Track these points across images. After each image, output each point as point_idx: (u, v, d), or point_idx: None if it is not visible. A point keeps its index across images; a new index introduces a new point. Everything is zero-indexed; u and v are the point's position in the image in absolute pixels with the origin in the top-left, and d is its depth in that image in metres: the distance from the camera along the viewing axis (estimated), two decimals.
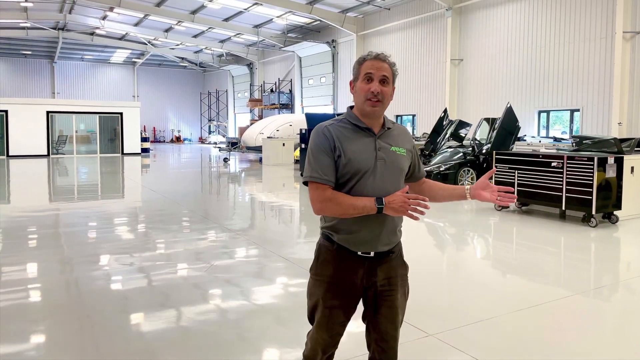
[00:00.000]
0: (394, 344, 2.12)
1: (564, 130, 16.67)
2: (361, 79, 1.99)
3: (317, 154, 1.96)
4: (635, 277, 5.09)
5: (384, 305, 2.06)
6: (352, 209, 1.91)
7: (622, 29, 13.75)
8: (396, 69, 2.05)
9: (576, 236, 6.96)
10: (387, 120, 2.09)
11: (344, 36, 26.36)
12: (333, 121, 2.05)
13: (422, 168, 2.26)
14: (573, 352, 3.34)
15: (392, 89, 2.03)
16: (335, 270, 2.02)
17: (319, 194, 1.95)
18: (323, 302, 2.03)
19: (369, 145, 1.99)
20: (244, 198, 11.63)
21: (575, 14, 15.33)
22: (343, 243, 2.01)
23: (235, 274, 5.12)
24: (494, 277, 5.23)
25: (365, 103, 1.97)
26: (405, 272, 2.16)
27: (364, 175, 1.97)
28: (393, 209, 1.88)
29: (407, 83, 22.40)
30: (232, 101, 42.47)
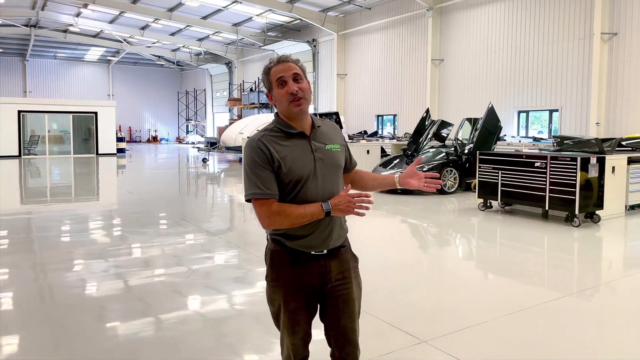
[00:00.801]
0: (353, 336, 2.13)
1: (540, 130, 16.88)
2: (276, 85, 1.98)
3: (255, 168, 1.94)
4: (620, 278, 5.10)
5: (340, 300, 2.08)
6: (301, 218, 1.92)
7: (600, 30, 13.98)
8: (302, 64, 2.05)
9: (560, 236, 6.97)
10: (314, 119, 2.08)
11: (325, 35, 26.24)
12: (263, 132, 2.01)
13: (353, 159, 2.30)
14: (567, 357, 3.28)
15: (307, 83, 2.02)
16: (291, 274, 2.03)
17: (266, 210, 1.93)
18: (285, 307, 2.04)
19: (305, 149, 1.99)
20: (223, 199, 11.39)
21: (554, 15, 15.52)
22: (296, 247, 2.02)
23: (216, 279, 4.97)
24: (482, 279, 5.18)
25: (290, 106, 1.96)
26: (356, 265, 2.19)
27: (306, 180, 1.97)
28: (340, 210, 1.92)
29: (388, 83, 22.42)
30: (211, 100, 41.97)
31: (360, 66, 24.23)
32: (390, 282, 4.81)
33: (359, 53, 24.23)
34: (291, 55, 2.07)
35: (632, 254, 6.32)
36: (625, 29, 13.73)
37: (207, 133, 40.34)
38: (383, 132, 22.49)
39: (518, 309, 4.04)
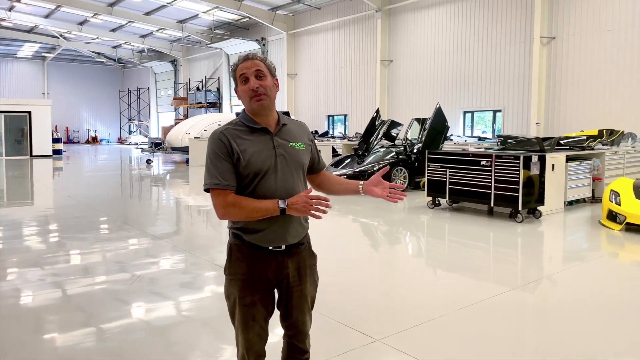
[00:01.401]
0: (304, 327, 2.21)
1: (484, 130, 17.53)
2: (239, 82, 2.04)
3: (215, 160, 1.98)
4: (560, 271, 5.31)
5: (294, 296, 2.14)
6: (256, 213, 1.95)
7: (540, 34, 14.68)
8: (270, 62, 2.09)
9: (505, 231, 7.20)
10: (281, 117, 2.12)
11: (274, 34, 26.03)
12: (228, 125, 2.06)
13: (322, 160, 2.32)
14: (518, 349, 3.35)
15: (272, 80, 2.07)
16: (248, 267, 2.06)
17: (221, 200, 1.97)
18: (240, 300, 2.06)
19: (267, 144, 2.03)
20: (169, 202, 10.98)
21: (497, 19, 16.15)
22: (253, 241, 2.04)
23: (161, 284, 4.73)
24: (432, 276, 5.26)
25: (251, 101, 2.01)
26: (314, 262, 2.23)
27: (265, 174, 2.00)
28: (296, 210, 1.93)
29: (339, 83, 22.55)
30: (155, 99, 40.66)
31: (311, 66, 24.21)
32: (342, 281, 4.76)
33: (310, 53, 24.21)
34: (257, 53, 2.10)
35: (571, 247, 6.62)
36: (562, 33, 14.49)
37: (151, 133, 39.06)
38: (334, 132, 22.59)
39: (468, 304, 4.11)
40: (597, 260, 5.73)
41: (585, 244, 6.67)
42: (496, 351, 3.31)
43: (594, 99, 13.89)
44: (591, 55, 13.87)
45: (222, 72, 31.29)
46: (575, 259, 5.84)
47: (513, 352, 3.31)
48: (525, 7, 15.26)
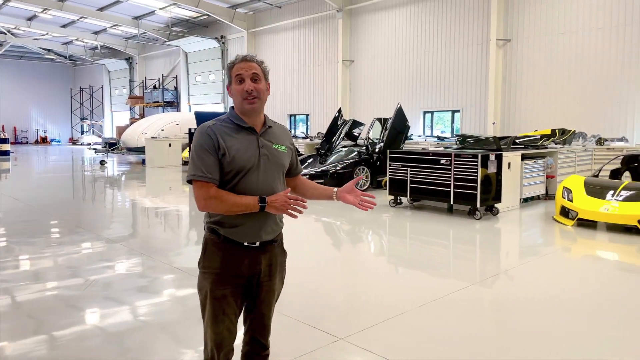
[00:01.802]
0: (267, 322, 2.29)
1: (443, 130, 17.91)
2: (234, 81, 2.12)
3: (200, 153, 2.04)
4: (517, 266, 5.46)
5: (263, 291, 2.21)
6: (236, 207, 2.03)
7: (496, 36, 15.14)
8: (265, 66, 2.18)
9: (464, 229, 7.35)
10: (267, 119, 2.21)
11: (234, 33, 25.68)
12: (216, 121, 2.14)
13: (299, 165, 2.42)
14: (478, 343, 3.40)
15: (265, 84, 2.16)
16: (222, 261, 2.11)
17: (204, 192, 2.04)
18: (211, 293, 2.11)
19: (252, 143, 2.11)
20: (124, 204, 10.60)
21: (455, 21, 16.53)
22: (229, 235, 2.10)
23: (117, 289, 4.55)
24: (394, 274, 5.31)
25: (243, 102, 2.10)
26: (284, 259, 2.32)
27: (248, 171, 2.08)
28: (275, 208, 2.03)
29: (300, 83, 22.48)
30: (109, 98, 39.34)
31: (272, 65, 23.77)
32: (305, 281, 4.72)
33: (270, 52, 24.03)
34: (255, 56, 2.18)
35: (527, 243, 6.83)
36: (517, 35, 14.99)
37: (105, 133, 37.77)
38: (296, 132, 22.51)
39: (429, 300, 4.18)
40: (551, 255, 5.92)
41: (540, 239, 6.89)
42: (457, 346, 3.35)
43: (547, 100, 14.44)
44: (544, 58, 14.42)
45: (180, 70, 30.59)
46: (531, 254, 6.01)
47: (473, 346, 3.36)
48: (482, 10, 15.69)
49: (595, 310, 4.03)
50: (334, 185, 2.49)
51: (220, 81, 27.66)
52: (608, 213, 6.88)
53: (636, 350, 3.31)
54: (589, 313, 3.97)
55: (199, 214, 9.15)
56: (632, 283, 4.91)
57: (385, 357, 3.13)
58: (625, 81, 12.89)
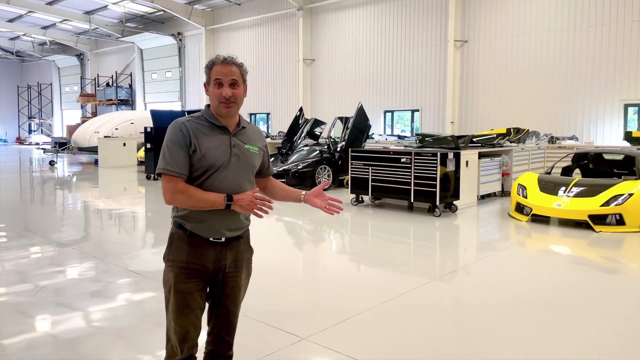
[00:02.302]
0: (233, 319, 2.28)
1: (403, 129, 18.16)
2: (212, 84, 2.12)
3: (172, 147, 2.07)
4: (475, 261, 5.57)
5: (229, 286, 2.21)
6: (202, 203, 2.06)
7: (453, 37, 15.46)
8: (245, 68, 2.20)
9: (424, 226, 7.46)
10: (242, 120, 2.24)
11: (192, 29, 25.13)
12: (190, 117, 2.16)
13: (271, 167, 2.45)
14: (441, 340, 3.43)
15: (243, 88, 2.18)
16: (187, 255, 2.12)
17: (172, 186, 2.06)
18: (175, 287, 2.11)
19: (224, 142, 2.13)
20: (76, 206, 10.13)
21: (414, 22, 16.79)
22: (195, 230, 2.12)
23: (69, 295, 4.34)
24: (356, 272, 5.31)
25: (219, 106, 2.12)
26: (250, 256, 2.34)
27: (218, 169, 2.10)
28: (240, 207, 2.06)
29: (261, 81, 22.26)
30: (59, 96, 37.71)
31: None
32: (267, 282, 4.63)
33: (229, 49, 23.65)
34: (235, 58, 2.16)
35: (484, 239, 7.00)
36: (474, 37, 15.38)
37: (54, 132, 36.16)
38: None
39: (391, 297, 4.21)
40: (507, 250, 6.08)
41: (497, 235, 7.07)
42: (419, 344, 3.37)
43: (502, 99, 14.90)
44: (499, 59, 14.87)
45: (134, 67, 29.65)
46: (488, 249, 6.16)
47: (434, 343, 3.39)
48: (441, 11, 16.01)
49: (551, 305, 4.12)
50: (295, 184, 2.49)
51: (177, 79, 27.01)
52: (560, 209, 7.13)
53: (591, 343, 3.41)
54: (545, 307, 4.06)
55: (155, 215, 8.91)
56: (586, 276, 5.09)
57: (349, 355, 3.12)
58: (575, 82, 13.47)
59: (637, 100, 12.59)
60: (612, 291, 4.60)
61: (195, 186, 2.09)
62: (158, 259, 5.11)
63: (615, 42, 12.72)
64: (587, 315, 3.90)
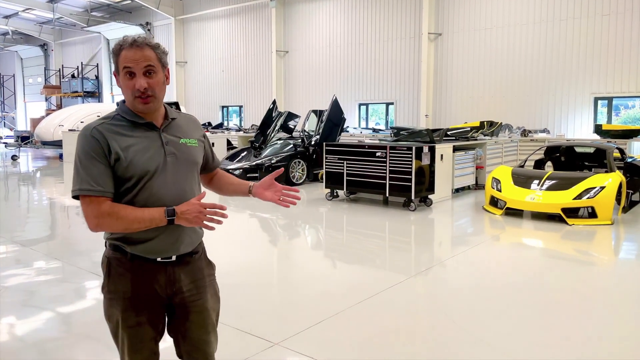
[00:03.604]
0: (207, 349, 1.94)
1: (378, 122, 18.13)
2: (122, 74, 1.71)
3: (85, 161, 1.68)
4: (453, 256, 5.53)
5: (193, 311, 1.86)
6: (137, 223, 1.68)
7: (428, 30, 15.44)
8: (162, 50, 1.77)
9: (399, 220, 7.42)
10: (169, 110, 1.85)
11: (161, 19, 24.45)
12: (103, 120, 1.76)
13: (216, 158, 2.11)
14: (419, 339, 3.38)
15: (163, 75, 1.76)
16: (132, 284, 1.77)
17: (94, 209, 1.66)
18: (124, 322, 1.77)
19: (153, 142, 1.76)
20: (41, 203, 9.70)
21: (388, 14, 16.69)
22: (138, 253, 1.76)
23: (33, 297, 4.15)
24: (331, 270, 5.20)
25: (135, 101, 1.72)
26: (212, 272, 1.99)
27: (153, 175, 1.73)
28: (186, 220, 1.69)
29: (233, 73, 21.85)
30: (22, 88, 36.31)
31: (202, 54, 23.16)
32: (238, 282, 4.50)
33: (201, 40, 23.14)
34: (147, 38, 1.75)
35: (460, 233, 7.00)
36: (448, 30, 15.39)
37: (17, 126, 34.80)
38: (229, 124, 21.86)
39: (367, 296, 4.12)
40: (483, 244, 6.07)
41: (472, 229, 7.08)
42: (396, 344, 3.29)
43: (475, 93, 14.99)
44: (472, 52, 14.93)
45: (101, 58, 28.72)
46: (464, 244, 6.14)
47: (412, 343, 3.32)
48: (415, 3, 15.96)
49: (528, 300, 4.12)
50: None
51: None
52: (534, 202, 7.18)
53: (568, 338, 3.39)
54: (521, 303, 4.05)
55: None
56: (561, 270, 5.11)
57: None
58: (546, 75, 13.64)
59: (607, 93, 12.85)
60: (587, 284, 4.65)
61: (125, 203, 1.71)
62: None
63: (586, 36, 12.92)
64: (563, 311, 3.90)
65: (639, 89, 12.33)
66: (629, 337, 3.45)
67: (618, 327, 3.62)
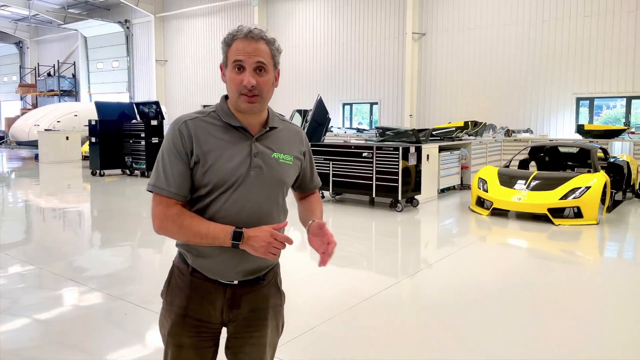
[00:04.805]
0: None
1: (360, 122, 18.06)
2: (230, 67, 1.54)
3: (167, 156, 1.54)
4: (442, 258, 5.44)
5: (249, 344, 1.66)
6: (199, 238, 1.51)
7: (412, 30, 15.44)
8: (277, 47, 1.60)
9: (386, 221, 7.35)
10: (272, 118, 1.66)
11: (140, 17, 23.98)
12: (198, 113, 1.59)
13: (315, 179, 1.85)
14: (410, 345, 3.29)
15: (273, 76, 1.60)
16: (187, 300, 1.61)
17: (161, 210, 1.53)
18: (171, 338, 1.62)
19: (242, 150, 1.56)
20: (16, 205, 9.35)
21: (372, 14, 16.64)
22: (198, 267, 1.60)
23: (8, 303, 3.94)
24: (318, 274, 5.02)
25: (239, 99, 1.54)
26: (279, 302, 1.75)
27: (230, 187, 1.54)
28: (252, 248, 1.49)
29: (215, 71, 21.56)
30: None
31: (184, 52, 22.79)
32: None
33: (182, 38, 22.77)
34: (263, 30, 1.59)
35: (447, 234, 6.96)
36: (432, 29, 15.41)
37: None
38: None
39: (359, 300, 4.02)
40: (472, 245, 6.02)
41: (460, 230, 7.04)
42: (389, 350, 3.20)
43: (459, 93, 15.03)
44: (456, 52, 14.97)
45: (78, 56, 28.07)
46: (452, 245, 6.10)
47: (405, 348, 3.22)
48: (399, 3, 15.94)
49: (515, 301, 4.09)
50: None
51: (125, 69, 25.78)
52: (520, 202, 7.16)
53: (555, 337, 3.35)
54: (509, 304, 4.02)
55: (103, 214, 8.31)
56: (548, 270, 5.09)
57: None
58: (529, 75, 13.75)
59: (589, 93, 13.00)
60: (574, 285, 4.64)
61: (197, 210, 1.56)
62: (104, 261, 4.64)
63: (568, 37, 13.06)
64: (552, 311, 3.87)
65: (620, 89, 12.51)
66: (615, 336, 3.45)
67: (604, 327, 3.61)
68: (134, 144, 12.50)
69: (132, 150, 12.58)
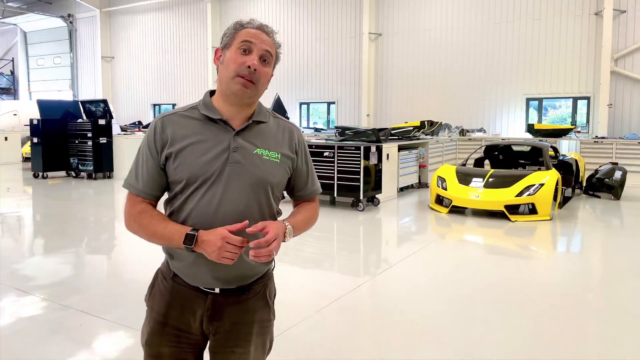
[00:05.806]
0: None
1: (316, 122, 17.99)
2: (235, 47, 1.46)
3: (141, 153, 1.50)
4: (406, 257, 5.41)
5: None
6: (156, 238, 1.43)
7: (368, 30, 15.50)
8: (279, 53, 1.57)
9: (349, 221, 7.30)
10: (260, 112, 1.54)
11: (85, 11, 22.87)
12: (180, 109, 1.51)
13: (314, 184, 1.68)
14: (381, 344, 3.24)
15: (270, 74, 1.54)
16: (167, 306, 1.50)
17: (129, 207, 1.48)
18: (149, 348, 1.52)
19: (218, 144, 1.45)
20: None
21: (329, 13, 16.61)
22: (177, 271, 1.50)
23: None
24: (286, 276, 4.86)
25: (233, 80, 1.44)
26: (267, 318, 1.60)
27: (204, 183, 1.42)
28: (206, 252, 1.36)
29: (166, 69, 20.91)
30: None
31: (132, 49, 21.91)
32: None
33: (130, 34, 21.87)
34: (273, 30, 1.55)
35: (408, 232, 7.00)
36: (387, 30, 15.54)
37: None
38: None
39: (328, 302, 3.94)
40: (433, 243, 6.07)
41: (420, 228, 7.11)
42: (360, 349, 3.15)
43: (415, 93, 15.24)
44: (411, 53, 15.18)
45: (17, 52, 26.45)
46: (414, 243, 6.13)
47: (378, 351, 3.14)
48: (355, 3, 15.98)
49: (477, 298, 4.12)
50: None
51: (68, 65, 24.50)
52: (478, 200, 7.29)
53: (520, 333, 3.39)
54: (471, 300, 4.05)
55: (47, 219, 7.77)
56: (506, 265, 5.20)
57: None
58: (482, 76, 14.13)
59: (538, 94, 13.51)
60: (530, 279, 4.75)
61: (174, 209, 1.46)
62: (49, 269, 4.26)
63: (519, 39, 13.52)
64: (515, 308, 3.92)
65: (566, 90, 13.09)
66: (569, 330, 3.53)
67: (559, 318, 3.70)
68: (80, 144, 11.83)
69: (78, 151, 11.90)
